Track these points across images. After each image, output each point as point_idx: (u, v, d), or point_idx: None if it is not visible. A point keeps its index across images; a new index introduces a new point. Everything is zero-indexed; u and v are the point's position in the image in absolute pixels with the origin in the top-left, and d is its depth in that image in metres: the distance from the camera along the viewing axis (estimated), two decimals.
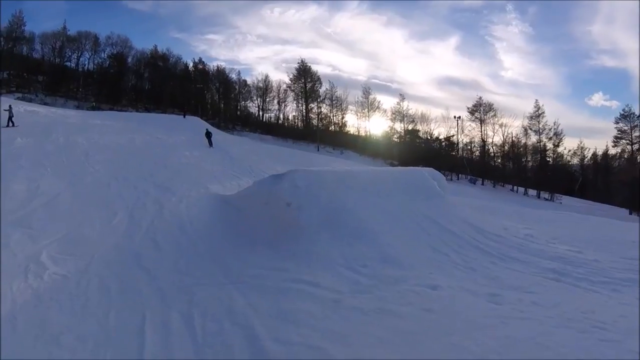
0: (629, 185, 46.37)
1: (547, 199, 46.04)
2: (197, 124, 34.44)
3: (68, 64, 56.23)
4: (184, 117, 37.30)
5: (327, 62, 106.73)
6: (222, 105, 62.49)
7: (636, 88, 78.41)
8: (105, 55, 57.23)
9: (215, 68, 63.62)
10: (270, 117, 63.47)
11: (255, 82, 63.41)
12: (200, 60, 63.86)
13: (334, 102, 61.24)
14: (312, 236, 7.47)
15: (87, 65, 57.23)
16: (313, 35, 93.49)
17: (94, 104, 42.49)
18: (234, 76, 63.39)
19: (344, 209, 8.25)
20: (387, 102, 73.69)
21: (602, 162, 56.67)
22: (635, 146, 51.41)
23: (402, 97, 59.36)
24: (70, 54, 55.93)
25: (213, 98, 62.95)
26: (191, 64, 63.01)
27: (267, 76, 62.86)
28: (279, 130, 57.88)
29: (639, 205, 43.01)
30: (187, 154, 19.47)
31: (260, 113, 63.29)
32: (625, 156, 52.78)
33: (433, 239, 7.86)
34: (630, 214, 42.80)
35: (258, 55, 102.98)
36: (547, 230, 9.88)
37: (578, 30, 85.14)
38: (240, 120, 60.34)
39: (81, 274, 6.35)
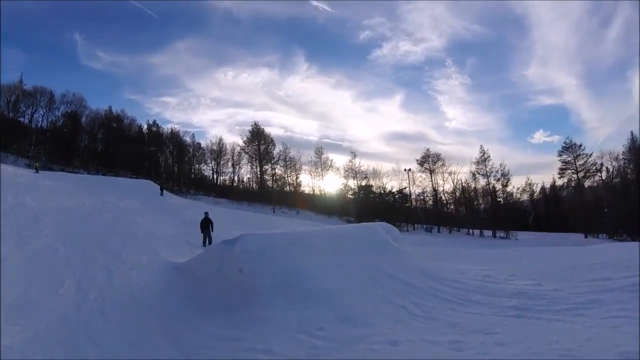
0: (580, 211, 49.39)
1: (503, 238, 48.06)
2: (150, 188, 33.80)
3: (22, 119, 54.41)
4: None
5: (279, 124, 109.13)
6: (176, 168, 61.93)
7: (575, 120, 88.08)
8: (60, 113, 55.92)
9: (170, 131, 63.80)
10: (225, 180, 63.65)
11: (210, 145, 63.99)
12: (154, 122, 64.18)
13: (287, 163, 62.30)
14: (266, 301, 7.27)
15: (40, 122, 55.42)
16: (265, 98, 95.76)
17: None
18: (188, 139, 63.78)
19: (298, 271, 8.11)
20: (340, 160, 75.29)
21: (551, 194, 61.06)
22: (581, 174, 54.50)
23: (354, 154, 61.81)
24: (24, 109, 54.20)
25: (167, 161, 62.41)
26: (145, 126, 62.93)
27: (221, 139, 63.89)
28: (233, 193, 57.94)
29: (591, 229, 46.25)
30: (139, 219, 18.79)
31: (215, 176, 63.36)
32: (573, 184, 55.96)
33: (390, 292, 7.79)
34: (586, 237, 45.57)
35: (212, 118, 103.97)
36: (505, 268, 10.00)
37: (515, 75, 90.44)
38: (194, 184, 60.01)
39: (26, 345, 5.88)
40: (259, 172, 62.27)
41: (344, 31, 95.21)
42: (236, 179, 63.58)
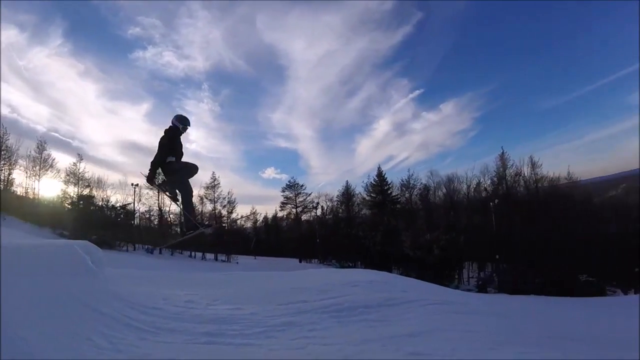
0: (296, 239, 59.76)
1: (224, 261, 50.87)
2: None
3: None
4: None
5: (7, 100, 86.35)
6: None
7: (303, 165, 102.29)
8: None
9: None
10: None
11: None
12: None
13: (2, 153, 47.23)
14: None
15: None
16: (2, 65, 77.44)
17: None
18: None
19: None
20: (65, 161, 62.32)
21: (272, 223, 69.51)
22: (299, 209, 64.18)
23: (81, 157, 52.05)
24: None
25: None
26: None
27: None
28: None
29: (304, 255, 55.58)
30: None
31: None
32: (292, 217, 65.61)
33: (76, 322, 6.76)
34: (300, 262, 54.23)
35: None
36: (211, 293, 9.85)
37: (261, 116, 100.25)
38: None
39: None
40: None
41: (115, 19, 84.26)
42: None
